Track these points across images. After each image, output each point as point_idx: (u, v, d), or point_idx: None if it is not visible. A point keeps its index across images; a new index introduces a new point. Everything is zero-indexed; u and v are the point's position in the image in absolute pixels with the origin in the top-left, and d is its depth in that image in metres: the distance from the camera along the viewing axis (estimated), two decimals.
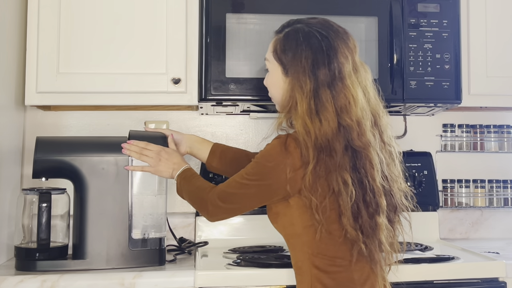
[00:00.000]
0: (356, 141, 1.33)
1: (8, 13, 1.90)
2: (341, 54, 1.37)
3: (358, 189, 1.32)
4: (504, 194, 2.35)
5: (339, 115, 1.33)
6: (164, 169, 1.66)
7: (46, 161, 1.72)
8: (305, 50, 1.37)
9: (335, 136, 1.32)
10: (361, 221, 1.33)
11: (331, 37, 1.38)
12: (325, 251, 1.36)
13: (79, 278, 1.61)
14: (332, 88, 1.34)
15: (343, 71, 1.35)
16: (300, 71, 1.37)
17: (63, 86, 1.91)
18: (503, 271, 1.75)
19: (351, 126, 1.32)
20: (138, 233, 1.73)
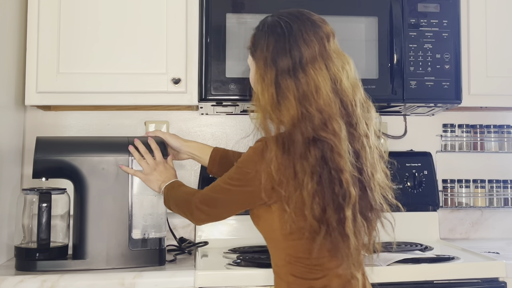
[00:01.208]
0: (319, 130, 1.27)
1: (8, 13, 1.90)
2: (303, 40, 1.32)
3: (326, 180, 1.27)
4: (504, 194, 2.35)
5: (300, 103, 1.29)
6: (154, 180, 1.66)
7: (46, 161, 1.72)
8: (268, 40, 1.35)
9: (296, 125, 1.28)
10: (327, 215, 1.27)
11: (295, 24, 1.34)
12: (302, 258, 1.33)
13: (79, 278, 1.61)
14: (293, 76, 1.30)
15: (305, 58, 1.31)
16: (262, 61, 1.35)
17: (63, 86, 1.91)
18: (503, 271, 1.75)
19: (312, 114, 1.28)
20: (138, 233, 1.73)
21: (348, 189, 1.27)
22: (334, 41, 1.37)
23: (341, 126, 1.28)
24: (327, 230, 1.28)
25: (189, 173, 2.25)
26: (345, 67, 1.35)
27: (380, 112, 2.24)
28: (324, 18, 1.40)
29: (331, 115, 1.28)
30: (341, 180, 1.27)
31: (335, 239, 1.28)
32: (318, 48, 1.33)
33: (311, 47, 1.32)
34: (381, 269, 1.70)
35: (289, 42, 1.32)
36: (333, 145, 1.27)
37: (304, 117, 1.28)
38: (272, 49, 1.33)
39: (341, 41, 1.95)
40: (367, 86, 1.95)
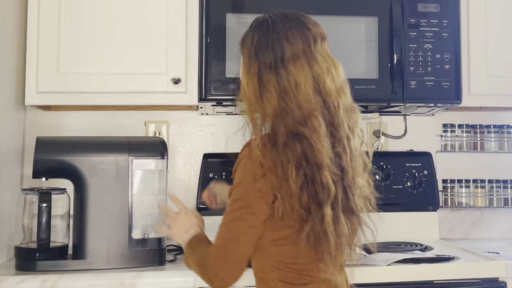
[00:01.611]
0: (299, 125, 1.28)
1: (8, 13, 1.90)
2: (286, 38, 1.33)
3: (308, 176, 1.27)
4: (504, 194, 2.35)
5: (280, 97, 1.29)
6: (176, 233, 1.53)
7: (46, 161, 1.72)
8: (254, 35, 1.36)
9: (278, 117, 1.29)
10: (310, 212, 1.27)
11: (283, 22, 1.35)
12: (290, 264, 1.32)
13: (79, 278, 1.61)
14: (274, 71, 1.31)
15: (287, 55, 1.31)
16: (247, 54, 1.36)
17: (63, 86, 1.91)
18: (503, 271, 1.75)
19: (292, 108, 1.28)
20: (138, 233, 1.73)
21: (328, 186, 1.26)
22: (323, 45, 1.37)
23: (320, 123, 1.28)
24: (312, 226, 1.27)
25: (189, 173, 2.25)
26: (330, 69, 1.34)
27: (380, 112, 2.26)
28: (317, 22, 1.40)
29: (310, 111, 1.28)
30: (321, 177, 1.26)
31: (317, 236, 1.28)
32: (302, 47, 1.33)
33: (294, 45, 1.32)
34: (381, 269, 1.70)
35: (272, 38, 1.33)
36: (312, 141, 1.27)
37: (284, 111, 1.29)
38: (256, 44, 1.35)
39: (341, 41, 1.98)
40: (367, 86, 1.97)
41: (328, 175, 1.26)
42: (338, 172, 1.29)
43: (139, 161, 1.74)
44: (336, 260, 1.30)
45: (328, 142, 1.28)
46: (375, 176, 2.22)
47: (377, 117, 2.30)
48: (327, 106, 1.31)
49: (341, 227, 1.29)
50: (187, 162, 2.25)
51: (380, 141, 2.35)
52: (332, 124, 1.31)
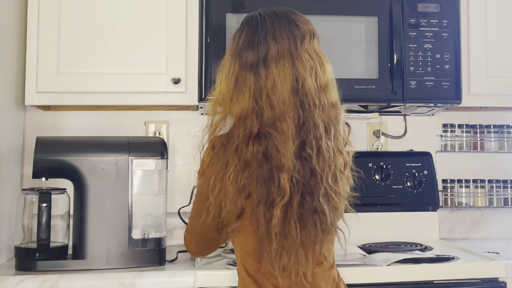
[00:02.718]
0: (267, 126, 1.27)
1: (8, 13, 1.90)
2: (273, 36, 1.31)
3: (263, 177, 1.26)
4: (504, 194, 2.35)
5: (254, 98, 1.28)
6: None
7: (46, 161, 1.72)
8: (241, 32, 1.36)
9: (243, 119, 1.28)
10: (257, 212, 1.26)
11: (271, 20, 1.34)
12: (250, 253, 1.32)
13: (79, 278, 1.61)
14: (254, 70, 1.30)
15: (270, 54, 1.30)
16: (231, 52, 1.36)
17: (63, 86, 1.91)
18: (503, 271, 1.75)
19: (263, 109, 1.27)
20: (138, 233, 1.73)
21: (284, 188, 1.25)
22: (312, 42, 1.35)
23: (289, 126, 1.27)
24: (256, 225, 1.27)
25: (189, 173, 2.25)
26: (315, 68, 1.32)
27: (380, 112, 2.26)
28: (309, 20, 1.39)
29: (282, 113, 1.27)
30: (279, 179, 1.25)
31: (260, 236, 1.27)
32: (288, 46, 1.31)
33: (280, 44, 1.31)
34: (381, 269, 1.70)
35: (258, 37, 1.32)
36: (277, 143, 1.26)
37: (253, 111, 1.28)
38: (241, 42, 1.34)
39: (341, 41, 1.98)
40: (367, 86, 1.97)
41: (287, 178, 1.25)
42: (301, 174, 1.28)
43: (139, 161, 1.74)
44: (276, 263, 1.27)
45: (293, 145, 1.27)
46: (375, 176, 2.22)
47: (377, 117, 2.30)
48: (303, 106, 1.29)
49: (290, 230, 1.27)
50: (187, 162, 2.25)
51: (380, 141, 2.35)
52: (305, 124, 1.29)
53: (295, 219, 1.27)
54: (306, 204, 1.29)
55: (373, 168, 2.22)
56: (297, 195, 1.27)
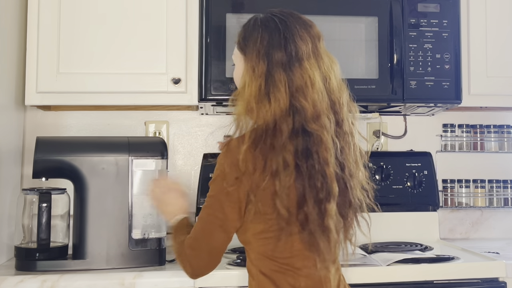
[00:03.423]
0: (310, 123, 1.28)
1: (8, 13, 1.90)
2: (299, 37, 1.33)
3: (307, 173, 1.27)
4: (504, 194, 2.35)
5: (293, 96, 1.29)
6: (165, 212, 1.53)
7: (46, 161, 1.72)
8: (262, 33, 1.35)
9: (284, 117, 1.28)
10: (306, 208, 1.26)
11: (290, 21, 1.36)
12: (273, 257, 1.31)
13: (79, 278, 1.61)
14: (287, 69, 1.31)
15: (300, 53, 1.32)
16: (254, 53, 1.34)
17: (63, 86, 1.91)
18: (503, 271, 1.75)
19: (305, 107, 1.28)
20: (138, 233, 1.73)
21: (331, 183, 1.27)
22: (322, 43, 1.39)
23: (331, 121, 1.30)
24: (305, 224, 1.27)
25: (189, 173, 2.25)
26: (333, 67, 1.36)
27: (380, 112, 2.26)
28: (312, 20, 1.41)
29: (323, 109, 1.30)
30: (325, 174, 1.27)
31: (315, 233, 1.27)
32: (311, 45, 1.34)
33: (306, 43, 1.33)
34: (381, 269, 1.70)
35: (284, 36, 1.33)
36: (322, 139, 1.28)
37: (295, 109, 1.28)
38: (266, 43, 1.33)
39: (341, 41, 1.98)
40: (367, 86, 1.97)
41: (333, 172, 1.28)
42: (339, 169, 1.31)
43: (139, 161, 1.74)
44: (331, 255, 1.30)
45: (334, 139, 1.30)
46: (375, 176, 2.22)
47: (377, 117, 2.29)
48: (332, 103, 1.33)
49: (338, 222, 1.30)
50: (187, 162, 2.25)
51: (380, 141, 2.35)
52: (337, 121, 1.33)
53: (337, 214, 1.30)
54: (345, 196, 1.32)
55: (373, 168, 2.22)
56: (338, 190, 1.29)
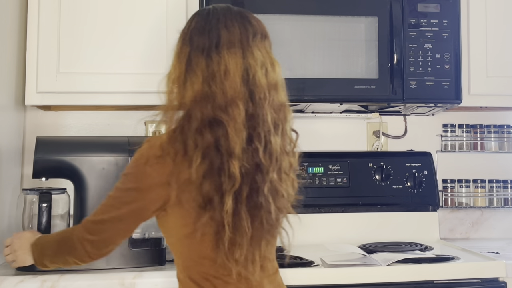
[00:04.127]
0: (219, 111, 1.24)
1: (8, 13, 1.90)
2: (225, 25, 1.31)
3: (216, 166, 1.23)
4: (504, 194, 2.35)
5: (206, 82, 1.26)
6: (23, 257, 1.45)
7: (46, 161, 1.72)
8: (192, 19, 1.36)
9: (197, 102, 1.26)
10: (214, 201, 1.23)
11: (223, 12, 1.34)
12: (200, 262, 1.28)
13: (79, 278, 1.61)
14: (206, 55, 1.28)
15: (222, 41, 1.29)
16: (181, 38, 1.34)
17: (63, 86, 1.91)
18: (503, 271, 1.75)
19: (215, 93, 1.25)
20: (138, 233, 1.73)
21: (234, 175, 1.22)
22: (264, 42, 1.34)
23: (240, 112, 1.25)
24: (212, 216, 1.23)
25: None
26: (265, 65, 1.31)
27: (380, 112, 2.26)
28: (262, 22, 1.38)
29: (233, 98, 1.25)
30: (230, 165, 1.23)
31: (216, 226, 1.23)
32: (239, 37, 1.31)
33: (231, 32, 1.30)
34: (381, 269, 1.70)
35: (210, 23, 1.32)
36: (229, 129, 1.23)
37: (206, 96, 1.26)
38: (192, 29, 1.33)
39: (341, 41, 1.98)
40: (367, 86, 1.97)
41: (237, 165, 1.23)
42: (249, 165, 1.25)
43: None
44: (231, 254, 1.24)
45: (244, 133, 1.25)
46: (375, 176, 2.22)
47: (377, 117, 2.30)
48: (252, 97, 1.27)
49: (240, 221, 1.24)
50: None
51: (380, 141, 2.35)
52: (254, 116, 1.27)
53: (245, 211, 1.24)
54: (253, 199, 1.26)
55: (373, 168, 2.22)
56: (246, 187, 1.24)
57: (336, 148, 2.33)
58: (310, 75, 1.94)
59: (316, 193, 2.18)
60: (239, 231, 1.24)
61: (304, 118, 2.32)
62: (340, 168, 2.21)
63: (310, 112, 2.25)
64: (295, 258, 1.80)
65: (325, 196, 2.19)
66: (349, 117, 2.31)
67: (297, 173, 1.36)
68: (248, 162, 1.24)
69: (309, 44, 1.95)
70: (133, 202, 1.29)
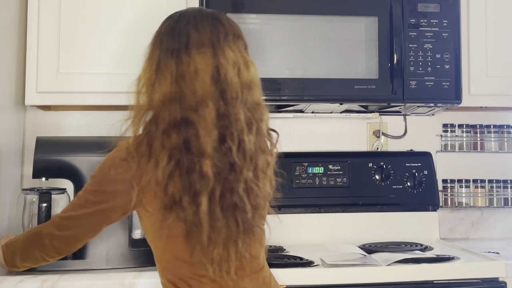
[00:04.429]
0: (188, 111, 1.24)
1: (8, 13, 1.90)
2: (195, 26, 1.31)
3: (185, 166, 1.23)
4: (504, 194, 2.35)
5: (176, 83, 1.26)
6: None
7: (46, 161, 1.72)
8: (164, 24, 1.36)
9: (165, 104, 1.25)
10: (183, 201, 1.22)
11: (193, 14, 1.34)
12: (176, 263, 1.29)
13: (79, 278, 1.61)
14: (176, 57, 1.28)
15: (192, 42, 1.29)
16: (152, 41, 1.35)
17: (63, 86, 1.91)
18: (503, 271, 1.75)
19: (185, 93, 1.25)
20: (138, 233, 1.73)
21: (207, 175, 1.22)
22: (237, 42, 1.34)
23: (210, 112, 1.24)
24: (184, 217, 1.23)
25: None
26: (238, 65, 1.30)
27: (380, 112, 2.26)
28: (236, 23, 1.38)
29: (204, 98, 1.25)
30: (202, 165, 1.22)
31: (189, 227, 1.23)
32: (210, 37, 1.30)
33: (201, 33, 1.30)
34: (381, 269, 1.70)
35: (179, 25, 1.32)
36: (199, 128, 1.23)
37: (175, 96, 1.25)
38: (163, 32, 1.34)
39: (341, 41, 1.98)
40: (367, 86, 1.97)
41: (209, 164, 1.22)
42: (221, 164, 1.24)
43: None
44: (208, 253, 1.24)
45: (215, 132, 1.24)
46: (375, 176, 2.22)
47: (377, 117, 2.30)
48: (223, 96, 1.27)
49: (214, 220, 1.23)
50: None
51: (380, 141, 2.35)
52: (226, 115, 1.26)
53: (218, 211, 1.24)
54: (227, 198, 1.25)
55: (373, 168, 2.23)
56: (219, 186, 1.24)
57: (336, 148, 2.33)
58: (310, 75, 1.94)
59: (316, 193, 2.18)
60: (214, 230, 1.24)
61: (304, 118, 2.32)
62: (340, 168, 2.22)
63: (310, 112, 2.25)
64: (295, 258, 1.80)
65: (325, 196, 2.19)
66: (349, 117, 2.31)
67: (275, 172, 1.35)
68: (220, 162, 1.24)
69: (309, 44, 1.95)
70: (100, 203, 1.31)
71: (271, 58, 1.93)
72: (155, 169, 1.23)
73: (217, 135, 1.24)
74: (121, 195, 1.28)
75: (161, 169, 1.22)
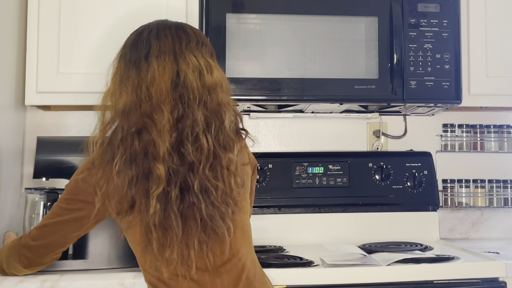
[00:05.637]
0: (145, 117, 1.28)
1: (8, 13, 1.90)
2: (156, 36, 1.35)
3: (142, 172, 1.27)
4: (504, 194, 2.35)
5: (135, 92, 1.30)
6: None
7: (47, 161, 1.72)
8: (129, 38, 1.41)
9: (125, 113, 1.30)
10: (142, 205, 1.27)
11: (156, 25, 1.39)
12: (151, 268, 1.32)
13: (79, 278, 1.61)
14: (137, 67, 1.33)
15: (152, 51, 1.33)
16: (117, 57, 1.40)
17: (63, 86, 1.91)
18: (503, 271, 1.75)
19: (141, 100, 1.29)
20: None
21: (159, 177, 1.25)
22: (201, 49, 1.37)
23: (164, 115, 1.28)
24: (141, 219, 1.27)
25: None
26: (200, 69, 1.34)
27: (380, 112, 2.26)
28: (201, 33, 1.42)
29: (158, 103, 1.28)
30: (155, 168, 1.26)
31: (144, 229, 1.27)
32: (171, 44, 1.34)
33: (163, 42, 1.34)
34: (381, 269, 1.70)
35: (142, 36, 1.37)
36: (153, 134, 1.27)
37: (134, 104, 1.30)
38: (127, 45, 1.39)
39: (341, 41, 1.98)
40: (367, 86, 1.97)
41: (162, 167, 1.25)
42: (178, 166, 1.27)
43: None
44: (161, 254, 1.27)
45: (169, 135, 1.27)
46: (375, 176, 2.22)
47: (377, 117, 2.30)
48: (182, 99, 1.30)
49: (169, 221, 1.26)
50: None
51: (380, 141, 2.36)
52: (184, 117, 1.29)
53: (175, 212, 1.26)
54: (185, 199, 1.28)
55: (373, 168, 2.23)
56: (176, 188, 1.26)
57: (336, 148, 2.33)
58: (310, 75, 1.94)
59: (316, 193, 2.19)
60: (167, 231, 1.26)
61: (304, 118, 2.32)
62: (340, 168, 2.22)
63: (310, 112, 2.25)
64: (295, 258, 1.80)
65: (325, 196, 2.19)
66: (349, 117, 2.31)
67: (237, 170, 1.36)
68: (176, 163, 1.27)
69: (309, 44, 1.95)
70: (73, 211, 1.36)
71: (271, 58, 1.93)
72: (118, 176, 1.27)
73: (175, 137, 1.28)
74: (90, 202, 1.32)
75: (122, 175, 1.27)
